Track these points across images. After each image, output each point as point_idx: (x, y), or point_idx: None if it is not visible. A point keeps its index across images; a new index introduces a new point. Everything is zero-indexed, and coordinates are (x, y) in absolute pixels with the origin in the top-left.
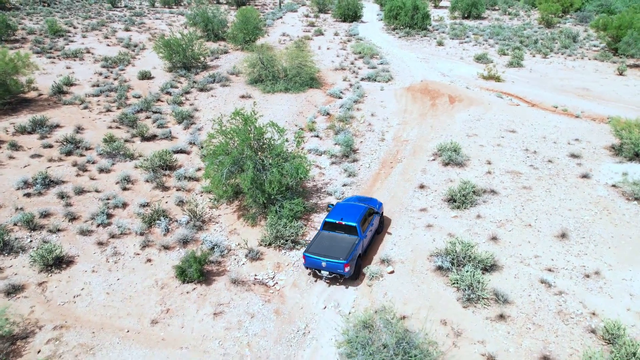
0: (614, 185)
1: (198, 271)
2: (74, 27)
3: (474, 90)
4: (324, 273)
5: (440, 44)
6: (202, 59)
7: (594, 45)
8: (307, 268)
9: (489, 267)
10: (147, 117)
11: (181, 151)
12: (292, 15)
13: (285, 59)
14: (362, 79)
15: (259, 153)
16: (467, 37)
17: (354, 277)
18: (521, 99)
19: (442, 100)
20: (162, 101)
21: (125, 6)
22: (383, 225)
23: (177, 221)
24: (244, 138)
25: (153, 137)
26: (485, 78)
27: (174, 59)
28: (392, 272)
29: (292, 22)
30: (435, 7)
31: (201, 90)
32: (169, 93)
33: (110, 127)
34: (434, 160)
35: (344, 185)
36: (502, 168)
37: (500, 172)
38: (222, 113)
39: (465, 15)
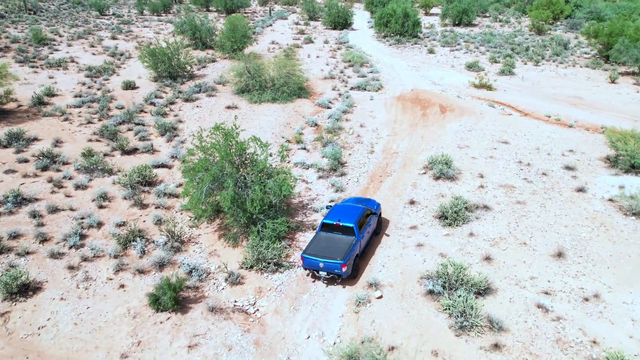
0: (610, 200)
1: (172, 299)
2: (60, 36)
3: (465, 100)
4: (322, 273)
5: (431, 51)
6: (188, 68)
7: (585, 53)
8: (305, 269)
9: (483, 291)
10: (129, 129)
11: (162, 165)
12: (282, 22)
13: (273, 68)
14: (352, 88)
15: (241, 169)
16: (458, 44)
17: (352, 276)
18: (513, 108)
19: (433, 110)
20: (145, 112)
21: (114, 14)
22: (381, 226)
23: (154, 242)
24: (224, 154)
25: (134, 151)
26: (477, 87)
27: (159, 68)
28: (381, 297)
29: (281, 30)
30: (426, 14)
31: (186, 100)
32: (153, 104)
33: (90, 140)
34: (424, 173)
35: (331, 201)
36: (495, 182)
37: (493, 186)
38: (201, 127)
39: (456, 23)
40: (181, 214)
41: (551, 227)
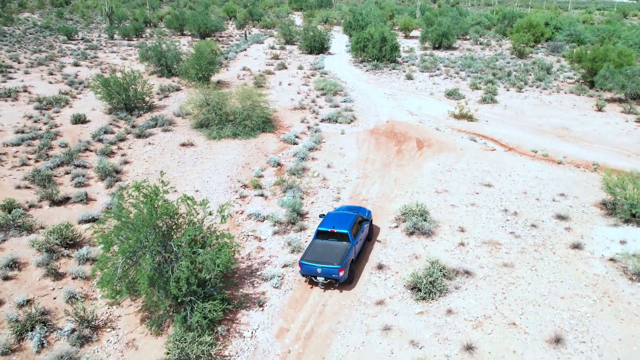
0: (612, 259)
1: None
2: (19, 62)
3: (444, 132)
4: (320, 279)
5: (409, 77)
6: (147, 99)
7: (569, 77)
8: (303, 276)
9: None
10: (67, 173)
11: (94, 219)
12: (258, 47)
13: (236, 98)
14: (322, 120)
15: (174, 234)
16: (438, 69)
17: (349, 281)
18: (497, 142)
19: (409, 145)
20: (91, 151)
21: (82, 39)
22: (372, 233)
23: (59, 330)
24: (141, 222)
25: (65, 201)
26: (457, 117)
27: (114, 100)
28: None
29: (256, 55)
30: (406, 37)
31: (139, 136)
32: (101, 140)
33: (19, 187)
34: (396, 227)
35: (285, 266)
36: (478, 237)
37: (475, 243)
38: (120, 187)
39: (436, 46)
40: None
41: (545, 299)
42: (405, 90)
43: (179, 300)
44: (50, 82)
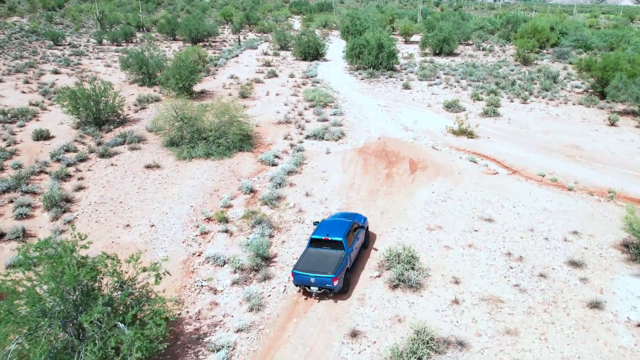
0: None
1: None
2: None
3: (441, 152)
4: (314, 289)
5: (406, 87)
6: (119, 112)
7: (576, 87)
8: (296, 285)
9: None
10: (11, 201)
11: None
12: (251, 52)
13: (212, 113)
14: (308, 137)
15: (97, 296)
16: (438, 77)
17: (344, 290)
18: (499, 164)
19: (401, 167)
20: (46, 173)
21: (69, 44)
22: (369, 240)
23: None
24: (33, 298)
25: (0, 237)
26: (456, 133)
27: (81, 113)
28: None
29: (247, 61)
30: (406, 42)
31: (102, 155)
32: (60, 160)
33: None
34: (378, 276)
35: (238, 331)
36: (476, 292)
37: (472, 300)
38: (26, 243)
39: (437, 52)
40: None
41: None
42: (401, 101)
43: None
44: (23, 92)
